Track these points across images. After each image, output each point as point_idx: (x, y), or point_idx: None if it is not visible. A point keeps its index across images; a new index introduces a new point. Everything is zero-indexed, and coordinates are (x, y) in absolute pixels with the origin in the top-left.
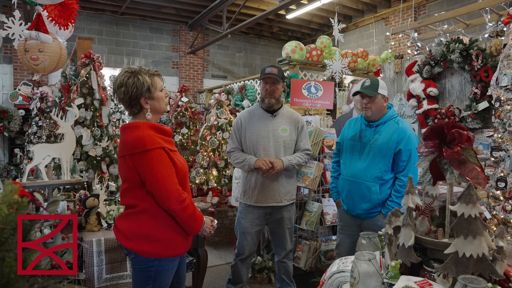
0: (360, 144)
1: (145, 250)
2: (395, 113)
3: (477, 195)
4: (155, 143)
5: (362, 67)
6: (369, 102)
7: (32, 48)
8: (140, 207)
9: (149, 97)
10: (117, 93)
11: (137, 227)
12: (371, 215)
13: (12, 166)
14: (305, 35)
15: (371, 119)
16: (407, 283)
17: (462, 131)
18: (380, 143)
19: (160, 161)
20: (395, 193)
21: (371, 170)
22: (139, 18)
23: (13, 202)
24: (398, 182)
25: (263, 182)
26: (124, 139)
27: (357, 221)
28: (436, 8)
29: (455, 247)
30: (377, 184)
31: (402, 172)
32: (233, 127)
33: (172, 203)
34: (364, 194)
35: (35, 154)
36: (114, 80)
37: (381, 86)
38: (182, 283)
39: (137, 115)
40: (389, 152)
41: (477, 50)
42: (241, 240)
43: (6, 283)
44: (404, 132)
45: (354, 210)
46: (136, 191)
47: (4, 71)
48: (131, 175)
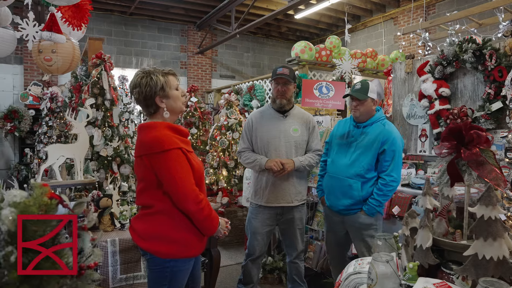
0: (346, 143)
1: (161, 251)
2: (382, 116)
3: (497, 197)
4: (173, 144)
5: (372, 67)
6: (358, 105)
7: (45, 49)
8: (156, 208)
9: (164, 95)
10: (132, 94)
11: (153, 228)
12: (352, 211)
13: (23, 166)
14: (313, 35)
15: (359, 120)
16: (426, 285)
17: (481, 132)
18: (365, 143)
19: (178, 162)
20: (377, 191)
21: (354, 168)
22: (148, 19)
23: (43, 204)
24: (381, 181)
25: (274, 182)
26: (141, 138)
27: (339, 217)
28: (446, 7)
29: (475, 249)
30: (359, 182)
31: (385, 172)
32: (244, 127)
33: (189, 204)
34: (345, 191)
35: (50, 154)
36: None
37: (371, 89)
38: (197, 283)
39: (154, 115)
40: (374, 151)
41: (490, 50)
42: (252, 240)
43: (38, 284)
44: (390, 133)
45: (336, 206)
46: (153, 191)
47: (15, 72)
48: (147, 175)
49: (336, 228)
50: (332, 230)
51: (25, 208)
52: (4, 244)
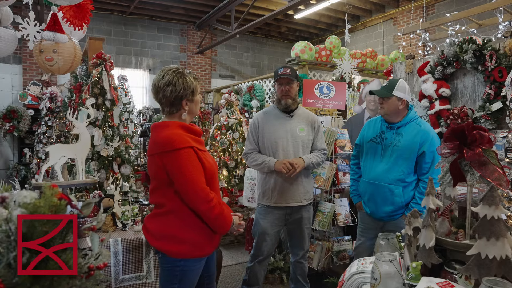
0: (381, 146)
1: (172, 250)
2: (416, 115)
3: (499, 196)
4: (185, 142)
5: (371, 67)
6: (382, 103)
7: (46, 49)
8: (167, 207)
9: (190, 99)
10: (161, 91)
11: (164, 228)
12: (394, 217)
13: (22, 166)
14: (312, 35)
15: (391, 121)
16: (429, 284)
17: (484, 133)
18: (402, 145)
19: (189, 161)
20: (419, 195)
21: (393, 173)
22: (147, 18)
23: (53, 205)
24: (422, 184)
25: (282, 183)
26: (154, 137)
27: (379, 223)
28: (445, 7)
29: (478, 249)
30: (400, 187)
31: (426, 174)
32: (249, 128)
33: (199, 203)
34: (387, 197)
35: (51, 154)
36: (157, 77)
37: (398, 88)
38: (212, 280)
39: (172, 114)
40: (412, 155)
41: (490, 50)
42: (260, 241)
43: (49, 285)
44: (427, 134)
45: (377, 213)
46: (164, 189)
47: (13, 71)
48: (159, 173)
49: (374, 234)
50: (367, 236)
51: (35, 209)
52: (15, 245)
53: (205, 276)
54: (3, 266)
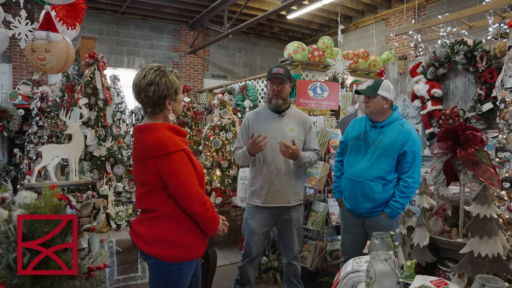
0: (364, 144)
1: (167, 254)
2: (399, 115)
3: (492, 195)
4: (177, 146)
5: (363, 68)
6: (368, 102)
7: (39, 48)
8: (160, 212)
9: (174, 98)
10: (143, 91)
11: (158, 232)
12: (374, 214)
13: (12, 166)
14: (305, 35)
15: (375, 120)
16: (423, 283)
17: (476, 133)
18: (385, 144)
19: (183, 164)
20: (399, 193)
21: (374, 170)
22: (140, 18)
23: (53, 205)
24: (402, 183)
25: (271, 183)
26: (142, 141)
27: (360, 219)
28: (437, 9)
29: (471, 247)
30: (380, 184)
31: (407, 173)
32: (241, 127)
33: (195, 205)
34: (367, 194)
35: (44, 155)
36: (138, 77)
37: (383, 87)
38: (199, 283)
39: (156, 115)
40: (394, 153)
41: (481, 52)
42: (249, 241)
43: (50, 285)
44: (409, 134)
45: (357, 209)
46: (157, 194)
47: (3, 70)
48: (151, 178)
49: (354, 229)
50: (350, 232)
51: (36, 210)
52: (15, 246)
53: (193, 279)
54: (3, 267)
